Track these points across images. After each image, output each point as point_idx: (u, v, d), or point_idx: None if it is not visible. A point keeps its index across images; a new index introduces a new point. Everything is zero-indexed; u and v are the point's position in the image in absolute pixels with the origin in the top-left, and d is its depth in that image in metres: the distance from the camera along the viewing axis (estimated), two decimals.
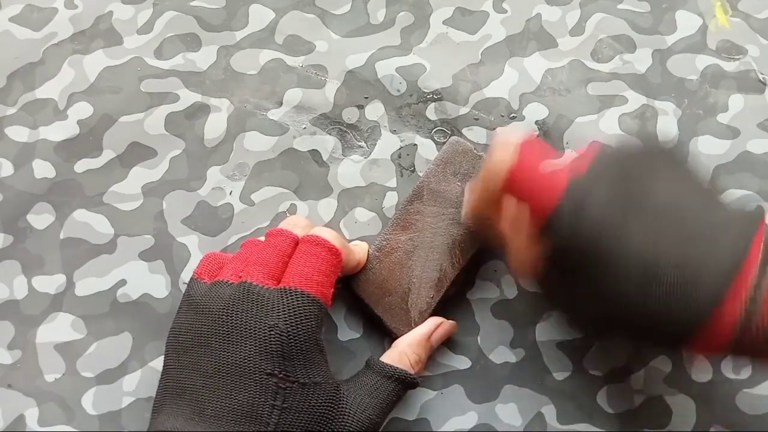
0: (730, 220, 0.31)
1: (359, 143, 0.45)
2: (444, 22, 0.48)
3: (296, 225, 0.38)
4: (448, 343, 0.41)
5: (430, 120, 0.46)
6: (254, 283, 0.34)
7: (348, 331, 0.42)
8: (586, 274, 0.32)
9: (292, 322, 0.33)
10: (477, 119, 0.45)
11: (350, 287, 0.41)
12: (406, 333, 0.40)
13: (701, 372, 0.40)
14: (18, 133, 0.46)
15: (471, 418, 0.40)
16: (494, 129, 0.43)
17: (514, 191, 0.34)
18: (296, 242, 0.37)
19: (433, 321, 0.40)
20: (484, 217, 0.37)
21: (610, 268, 0.31)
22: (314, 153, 0.45)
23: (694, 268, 0.30)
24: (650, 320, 0.31)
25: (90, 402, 0.40)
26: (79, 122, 0.46)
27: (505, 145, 0.34)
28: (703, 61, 0.46)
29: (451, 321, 0.40)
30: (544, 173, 0.34)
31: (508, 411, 0.40)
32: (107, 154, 0.45)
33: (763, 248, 0.30)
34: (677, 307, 0.30)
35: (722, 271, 0.30)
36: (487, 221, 0.37)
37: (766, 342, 0.30)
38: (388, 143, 0.45)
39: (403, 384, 0.37)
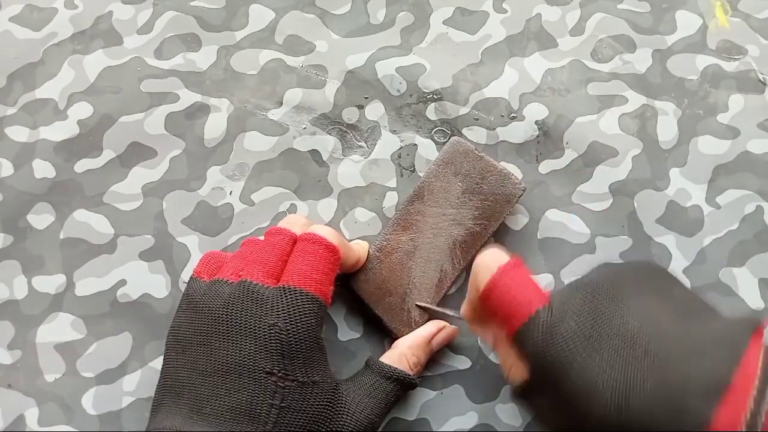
0: (715, 339, 0.29)
1: (359, 143, 0.45)
2: (444, 22, 0.48)
3: (295, 223, 0.38)
4: (448, 344, 0.41)
5: (430, 120, 0.46)
6: (254, 282, 0.34)
7: (348, 331, 0.42)
8: (560, 402, 0.30)
9: (291, 321, 0.33)
10: (477, 119, 0.45)
11: (350, 287, 0.41)
12: (406, 333, 0.40)
13: None
14: (18, 133, 0.46)
15: (471, 418, 0.40)
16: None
17: (492, 302, 0.32)
18: (295, 241, 0.37)
19: (435, 324, 0.40)
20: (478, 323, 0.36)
21: (582, 394, 0.29)
22: (314, 153, 0.45)
23: (674, 395, 0.27)
24: None
25: (90, 402, 0.40)
26: (79, 122, 0.46)
27: (491, 258, 0.33)
28: (703, 61, 0.46)
29: (453, 326, 0.40)
30: (523, 287, 0.32)
31: (508, 411, 0.40)
32: (107, 154, 0.45)
33: (762, 365, 0.27)
34: (666, 428, 0.27)
35: (704, 397, 0.27)
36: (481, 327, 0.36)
37: None
38: (388, 143, 0.45)
39: (402, 385, 0.37)
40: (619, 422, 0.28)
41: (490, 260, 0.33)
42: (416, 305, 0.40)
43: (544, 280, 0.42)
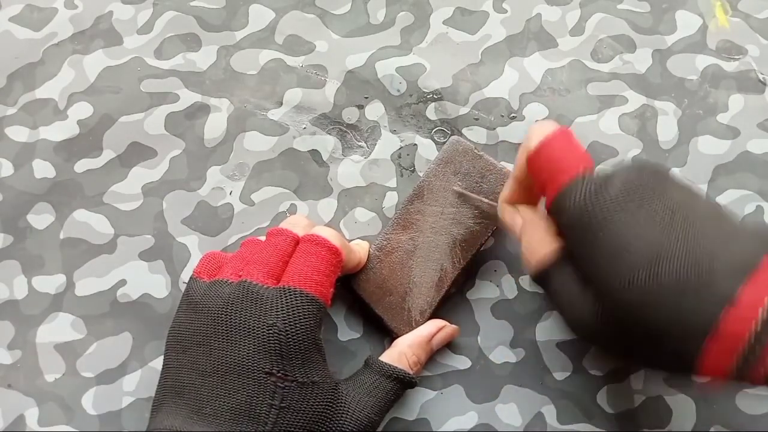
0: (744, 232, 0.30)
1: (359, 143, 0.45)
2: (444, 22, 0.48)
3: (297, 224, 0.38)
4: (449, 343, 0.41)
5: (430, 120, 0.46)
6: (254, 283, 0.34)
7: (348, 331, 0.42)
8: (594, 248, 0.31)
9: (290, 322, 0.33)
10: (477, 119, 0.45)
11: (351, 287, 0.41)
12: (406, 333, 0.40)
13: None
14: (18, 133, 0.46)
15: (471, 418, 0.40)
16: (494, 129, 0.43)
17: (542, 159, 0.34)
18: (296, 242, 0.37)
19: (435, 324, 0.40)
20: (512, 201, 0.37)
21: (618, 243, 0.29)
22: (314, 153, 0.45)
23: (703, 267, 0.28)
24: (660, 311, 0.28)
25: (90, 402, 0.40)
26: (79, 122, 0.46)
27: (544, 124, 0.34)
28: (703, 61, 0.46)
29: (453, 326, 0.40)
30: (574, 150, 0.34)
31: (508, 411, 0.40)
32: (107, 154, 0.45)
33: None
34: (689, 297, 0.28)
35: (738, 267, 0.28)
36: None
37: None
38: (388, 143, 0.45)
39: (402, 383, 0.37)
40: (645, 286, 0.29)
41: (545, 126, 0.34)
42: (453, 189, 0.40)
43: None
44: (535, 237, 0.35)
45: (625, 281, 0.29)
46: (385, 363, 0.37)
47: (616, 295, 0.29)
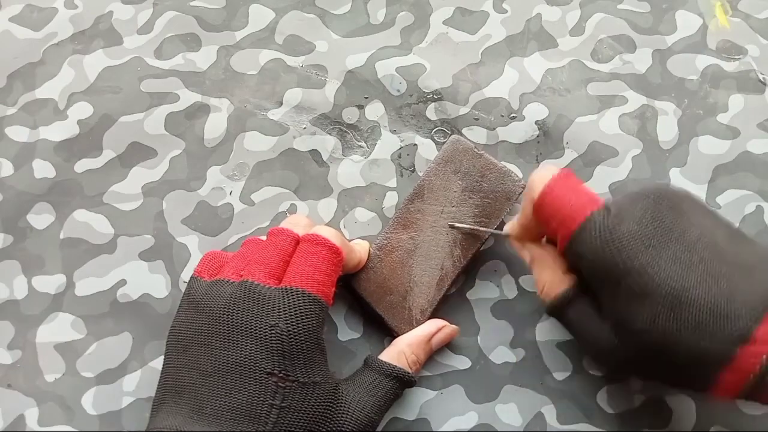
0: (764, 258, 0.31)
1: (359, 143, 0.45)
2: (444, 22, 0.48)
3: (297, 224, 0.38)
4: (448, 343, 0.41)
5: (430, 120, 0.46)
6: (255, 282, 0.34)
7: (348, 331, 0.42)
8: (613, 291, 0.32)
9: (292, 322, 0.33)
10: (477, 119, 0.45)
11: (351, 286, 0.41)
12: (407, 332, 0.40)
13: None
14: (18, 133, 0.46)
15: (471, 418, 0.40)
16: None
17: (547, 208, 0.34)
18: (297, 241, 0.37)
19: (435, 323, 0.40)
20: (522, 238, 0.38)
21: (638, 285, 0.31)
22: (314, 153, 0.45)
23: (724, 302, 0.29)
24: (680, 349, 0.30)
25: (90, 402, 0.40)
26: (79, 122, 0.46)
27: (544, 171, 0.35)
28: (703, 61, 0.46)
29: (453, 326, 0.40)
30: (578, 192, 0.34)
31: (508, 411, 0.40)
32: (107, 154, 0.45)
33: None
34: (707, 338, 0.29)
35: (754, 305, 0.29)
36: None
37: None
38: (388, 143, 0.45)
39: (401, 383, 0.37)
40: (666, 328, 0.30)
41: (545, 172, 0.35)
42: (449, 225, 0.40)
43: None
44: (546, 274, 0.36)
45: (646, 324, 0.30)
46: (385, 362, 0.37)
47: (637, 336, 0.31)
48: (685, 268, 0.30)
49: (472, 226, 0.40)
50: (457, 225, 0.40)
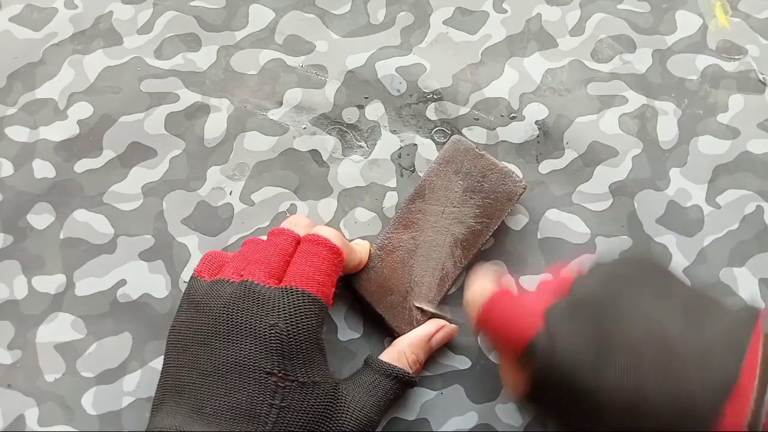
0: (721, 335, 0.29)
1: (359, 143, 0.45)
2: (444, 22, 0.48)
3: (298, 224, 0.38)
4: (448, 343, 0.41)
5: (430, 120, 0.46)
6: (255, 282, 0.34)
7: (348, 331, 0.42)
8: (568, 410, 0.31)
9: (292, 322, 0.33)
10: (477, 119, 0.45)
11: (352, 286, 0.41)
12: (408, 332, 0.40)
13: None
14: (18, 133, 0.46)
15: (471, 418, 0.40)
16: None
17: (488, 333, 0.34)
18: (298, 241, 0.37)
19: (434, 323, 0.40)
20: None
21: (590, 405, 0.29)
22: (314, 153, 0.45)
23: (683, 399, 0.28)
24: None
25: (90, 402, 0.40)
26: (79, 122, 0.46)
27: (480, 283, 0.35)
28: (703, 61, 0.46)
29: (453, 326, 0.40)
30: (516, 310, 0.33)
31: (508, 411, 0.40)
32: (107, 154, 0.45)
33: (762, 357, 0.28)
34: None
35: (712, 398, 0.28)
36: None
37: None
38: (388, 143, 0.45)
39: (402, 383, 0.37)
40: (630, 425, 0.29)
41: (478, 291, 0.35)
42: (416, 306, 0.40)
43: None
44: (506, 370, 0.35)
45: (606, 426, 0.29)
46: (385, 362, 0.37)
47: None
48: (635, 374, 0.29)
49: (434, 311, 0.40)
50: (424, 308, 0.40)
